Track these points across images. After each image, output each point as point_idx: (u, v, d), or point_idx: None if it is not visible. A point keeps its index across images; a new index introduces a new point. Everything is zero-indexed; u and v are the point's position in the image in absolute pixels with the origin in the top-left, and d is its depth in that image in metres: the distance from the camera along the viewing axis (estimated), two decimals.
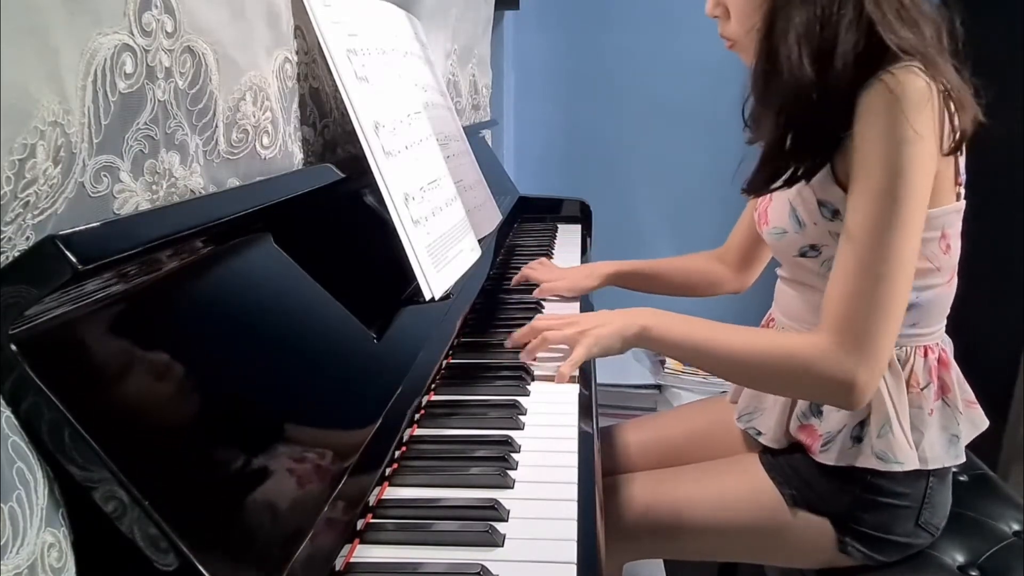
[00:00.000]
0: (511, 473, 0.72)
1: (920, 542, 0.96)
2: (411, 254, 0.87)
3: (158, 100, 0.59)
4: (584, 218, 1.86)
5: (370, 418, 0.70)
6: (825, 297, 0.86)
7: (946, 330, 0.98)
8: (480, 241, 1.14)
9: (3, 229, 0.44)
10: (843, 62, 0.82)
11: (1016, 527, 1.03)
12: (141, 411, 0.48)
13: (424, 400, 0.87)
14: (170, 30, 0.60)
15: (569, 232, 1.76)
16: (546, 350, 0.97)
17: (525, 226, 1.80)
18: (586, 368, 0.97)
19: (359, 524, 0.64)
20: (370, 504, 0.67)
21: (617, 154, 2.45)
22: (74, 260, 0.44)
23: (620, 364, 2.26)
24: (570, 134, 2.47)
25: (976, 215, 0.95)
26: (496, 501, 0.66)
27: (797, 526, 0.96)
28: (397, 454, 0.76)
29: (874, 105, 0.81)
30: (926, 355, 0.93)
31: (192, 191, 0.65)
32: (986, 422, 0.98)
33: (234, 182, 0.72)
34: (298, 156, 0.87)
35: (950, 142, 0.83)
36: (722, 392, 1.21)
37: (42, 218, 0.47)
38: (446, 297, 0.92)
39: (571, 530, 0.64)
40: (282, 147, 0.82)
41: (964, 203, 0.91)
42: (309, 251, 0.75)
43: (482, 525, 0.63)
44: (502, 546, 0.62)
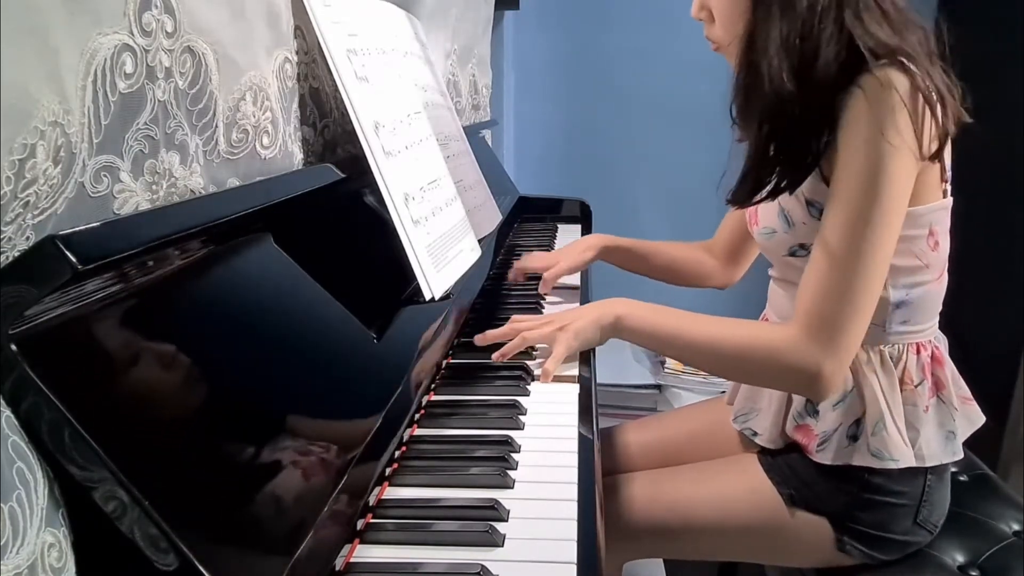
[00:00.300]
0: (511, 473, 0.72)
1: (919, 540, 0.96)
2: (411, 254, 0.87)
3: (158, 100, 0.59)
4: (584, 218, 1.86)
5: (370, 418, 0.70)
6: (799, 290, 0.88)
7: (945, 329, 0.99)
8: (480, 241, 1.14)
9: (3, 229, 0.44)
10: (824, 74, 0.82)
11: (1016, 527, 1.03)
12: (141, 411, 0.48)
13: (424, 400, 0.87)
14: (170, 30, 0.60)
15: (569, 232, 1.76)
16: (523, 349, 0.98)
17: (525, 226, 1.80)
18: (586, 368, 0.97)
19: (359, 524, 0.64)
20: (370, 504, 0.67)
21: (617, 154, 2.45)
22: (74, 260, 0.44)
23: (620, 364, 2.26)
24: (570, 134, 2.47)
25: (975, 214, 0.95)
26: (496, 501, 0.66)
27: (796, 526, 0.96)
28: (397, 454, 0.76)
29: (855, 108, 0.81)
30: (919, 352, 0.93)
31: (192, 191, 0.65)
32: (982, 418, 0.99)
33: (234, 182, 0.72)
34: (298, 156, 0.87)
35: (931, 141, 0.83)
36: (722, 392, 1.21)
37: (42, 218, 0.47)
38: (446, 297, 0.92)
39: (571, 530, 0.64)
40: (282, 147, 0.82)
41: (951, 200, 0.91)
42: (309, 251, 0.75)
43: (482, 525, 0.63)
44: (502, 546, 0.62)
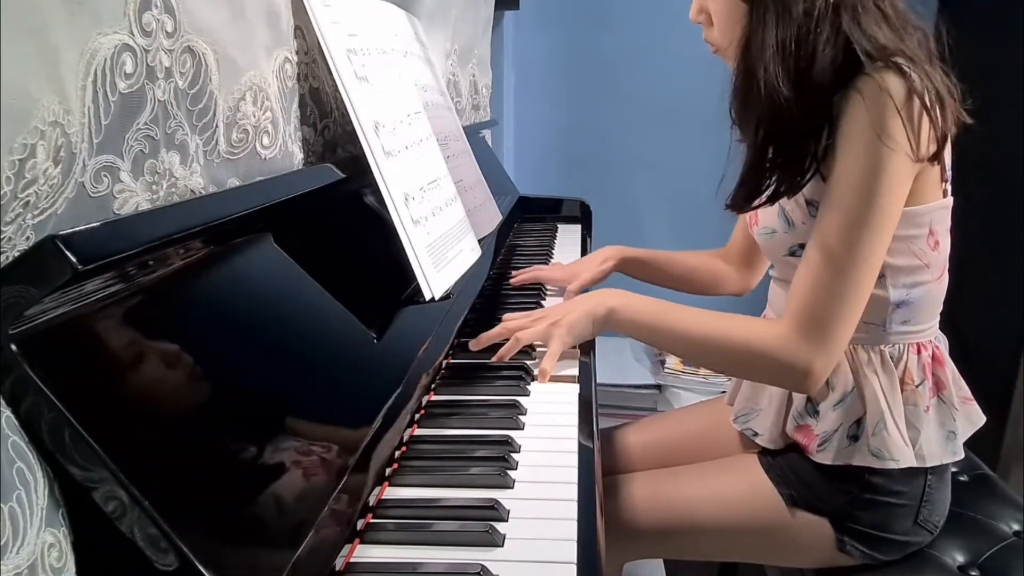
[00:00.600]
0: (511, 473, 0.72)
1: (919, 540, 0.96)
2: (411, 254, 0.87)
3: (158, 100, 0.59)
4: (584, 218, 1.86)
5: (369, 418, 0.70)
6: (791, 287, 0.88)
7: (945, 329, 0.99)
8: (480, 241, 1.14)
9: (3, 229, 0.44)
10: (821, 78, 0.82)
11: (1016, 527, 1.03)
12: (141, 411, 0.48)
13: (424, 400, 0.87)
14: (170, 30, 0.60)
15: (569, 232, 1.76)
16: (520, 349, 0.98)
17: (525, 226, 1.80)
18: (586, 368, 0.97)
19: (359, 524, 0.64)
20: (370, 504, 0.67)
21: (617, 154, 2.45)
22: (74, 260, 0.44)
23: (620, 364, 2.26)
24: (570, 134, 2.47)
25: (975, 214, 0.95)
26: (496, 501, 0.66)
27: (796, 526, 0.96)
28: (397, 454, 0.76)
29: (853, 111, 0.81)
30: (919, 352, 0.93)
31: (192, 191, 0.65)
32: (983, 418, 0.99)
33: (234, 182, 0.72)
34: (298, 156, 0.87)
35: (930, 143, 0.83)
36: (722, 392, 1.21)
37: (42, 218, 0.47)
38: (446, 297, 0.92)
39: (571, 530, 0.64)
40: (282, 147, 0.82)
41: (951, 199, 0.91)
42: (309, 251, 0.75)
43: (482, 525, 0.63)
44: (502, 546, 0.62)
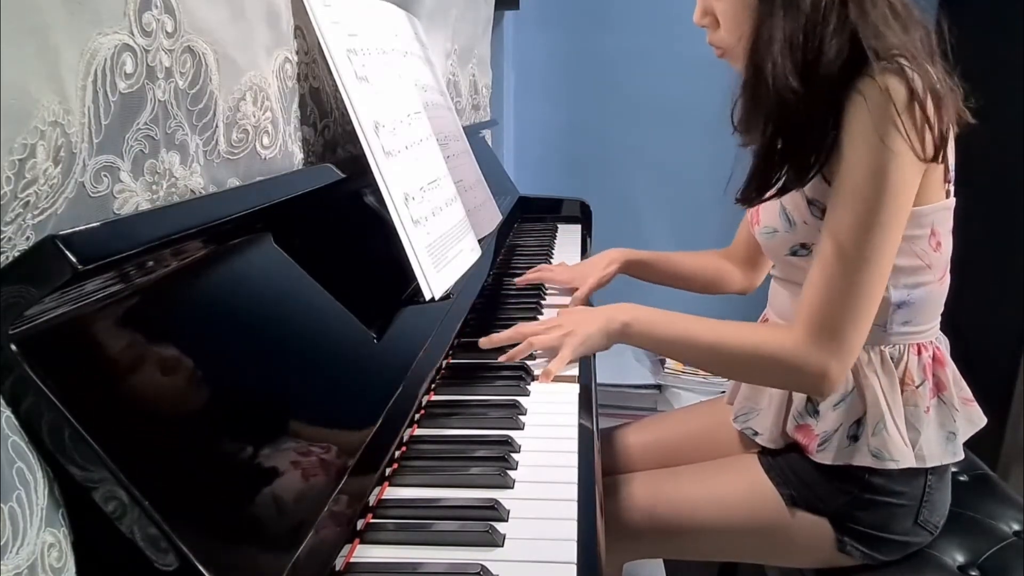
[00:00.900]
0: (511, 473, 0.72)
1: (919, 540, 0.96)
2: (411, 254, 0.87)
3: (158, 100, 0.59)
4: (584, 218, 1.86)
5: (370, 418, 0.70)
6: (802, 292, 0.88)
7: (945, 329, 0.98)
8: (480, 241, 1.14)
9: (3, 229, 0.44)
10: (828, 71, 0.83)
11: (1016, 527, 1.03)
12: (141, 411, 0.48)
13: (424, 400, 0.87)
14: (170, 30, 0.60)
15: (569, 232, 1.76)
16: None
17: (525, 226, 1.80)
18: (586, 368, 0.97)
19: (359, 524, 0.64)
20: (370, 504, 0.67)
21: (617, 154, 2.45)
22: (74, 260, 0.44)
23: (620, 364, 2.26)
24: (570, 134, 2.47)
25: (976, 214, 0.95)
26: (496, 501, 0.66)
27: (796, 526, 0.96)
28: (397, 454, 0.76)
29: (857, 114, 0.82)
30: (920, 353, 0.93)
31: (192, 191, 0.65)
32: (984, 419, 0.99)
33: (234, 182, 0.72)
34: (298, 156, 0.87)
35: (933, 143, 0.83)
36: (722, 392, 1.21)
37: (42, 218, 0.47)
38: (446, 297, 0.92)
39: (571, 530, 0.64)
40: (282, 147, 0.82)
41: (954, 200, 0.91)
42: (309, 251, 0.75)
43: (482, 525, 0.63)
44: (502, 546, 0.62)
